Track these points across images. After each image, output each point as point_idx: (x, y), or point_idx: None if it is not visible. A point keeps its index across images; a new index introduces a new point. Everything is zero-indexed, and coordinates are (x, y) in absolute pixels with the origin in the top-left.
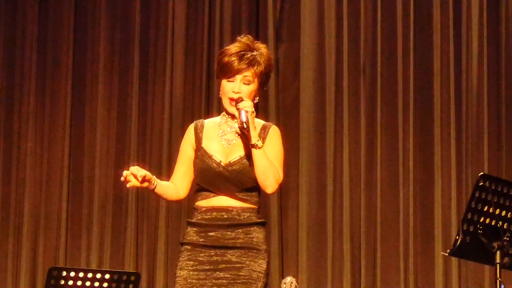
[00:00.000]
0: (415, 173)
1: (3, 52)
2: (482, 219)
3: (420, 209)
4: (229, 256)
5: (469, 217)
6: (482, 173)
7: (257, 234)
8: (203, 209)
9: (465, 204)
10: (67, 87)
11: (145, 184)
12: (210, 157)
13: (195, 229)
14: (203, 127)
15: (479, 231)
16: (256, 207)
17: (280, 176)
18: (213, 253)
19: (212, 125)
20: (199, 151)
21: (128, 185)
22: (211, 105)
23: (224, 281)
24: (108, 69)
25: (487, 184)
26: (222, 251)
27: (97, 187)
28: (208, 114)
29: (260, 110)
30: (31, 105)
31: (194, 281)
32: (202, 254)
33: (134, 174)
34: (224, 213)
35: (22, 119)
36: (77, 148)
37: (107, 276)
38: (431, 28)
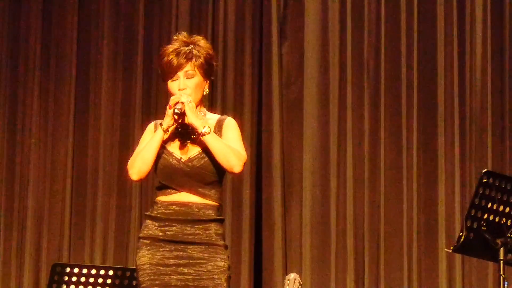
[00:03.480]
0: (418, 169)
1: (6, 49)
2: (485, 216)
3: (423, 205)
4: (190, 252)
5: (472, 214)
6: (486, 169)
7: (216, 231)
8: (165, 203)
9: (469, 201)
10: (71, 83)
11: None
12: (170, 154)
13: (155, 223)
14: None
15: (482, 228)
16: (217, 204)
17: (242, 153)
18: (173, 248)
19: None
20: (159, 149)
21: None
22: (215, 101)
23: (190, 277)
24: (112, 65)
25: (490, 180)
26: (182, 246)
27: (101, 183)
28: (211, 111)
29: (264, 106)
30: (35, 101)
31: (158, 276)
32: (162, 249)
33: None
34: (184, 208)
35: (26, 115)
36: (80, 143)
37: (110, 272)
38: (435, 23)
